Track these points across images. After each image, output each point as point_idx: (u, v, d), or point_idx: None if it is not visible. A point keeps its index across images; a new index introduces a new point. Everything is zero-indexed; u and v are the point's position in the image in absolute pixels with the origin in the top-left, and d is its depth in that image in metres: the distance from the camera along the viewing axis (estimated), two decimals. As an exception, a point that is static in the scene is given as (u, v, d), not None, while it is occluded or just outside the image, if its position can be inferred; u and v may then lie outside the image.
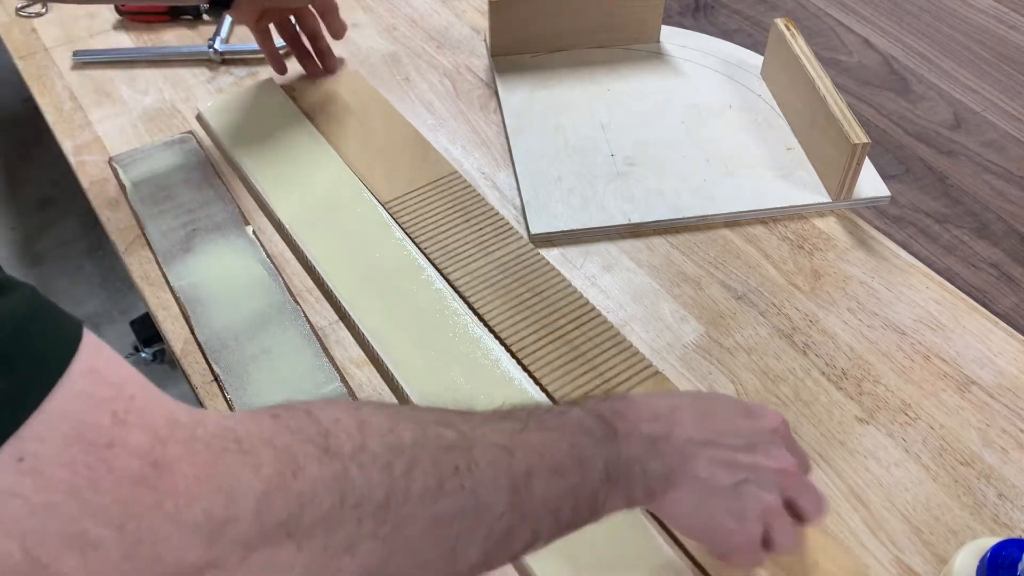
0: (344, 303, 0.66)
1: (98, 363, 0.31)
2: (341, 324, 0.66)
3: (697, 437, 0.46)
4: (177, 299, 0.67)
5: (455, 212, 0.73)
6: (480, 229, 0.71)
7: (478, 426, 0.40)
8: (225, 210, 0.74)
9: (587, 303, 0.66)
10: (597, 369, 0.61)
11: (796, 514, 0.47)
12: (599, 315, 0.65)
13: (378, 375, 0.63)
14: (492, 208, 0.73)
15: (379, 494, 0.35)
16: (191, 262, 0.70)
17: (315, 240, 0.70)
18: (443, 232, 0.71)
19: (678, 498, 0.45)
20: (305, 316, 0.65)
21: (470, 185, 0.75)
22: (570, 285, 0.67)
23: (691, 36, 0.91)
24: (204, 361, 0.63)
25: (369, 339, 0.63)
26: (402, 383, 0.60)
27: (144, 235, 0.73)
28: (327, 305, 0.67)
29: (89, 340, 0.32)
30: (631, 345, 0.63)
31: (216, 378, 0.62)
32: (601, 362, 0.62)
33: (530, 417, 0.42)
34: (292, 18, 0.84)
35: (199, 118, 0.83)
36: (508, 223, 0.72)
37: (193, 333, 0.65)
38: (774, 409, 0.50)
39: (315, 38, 0.85)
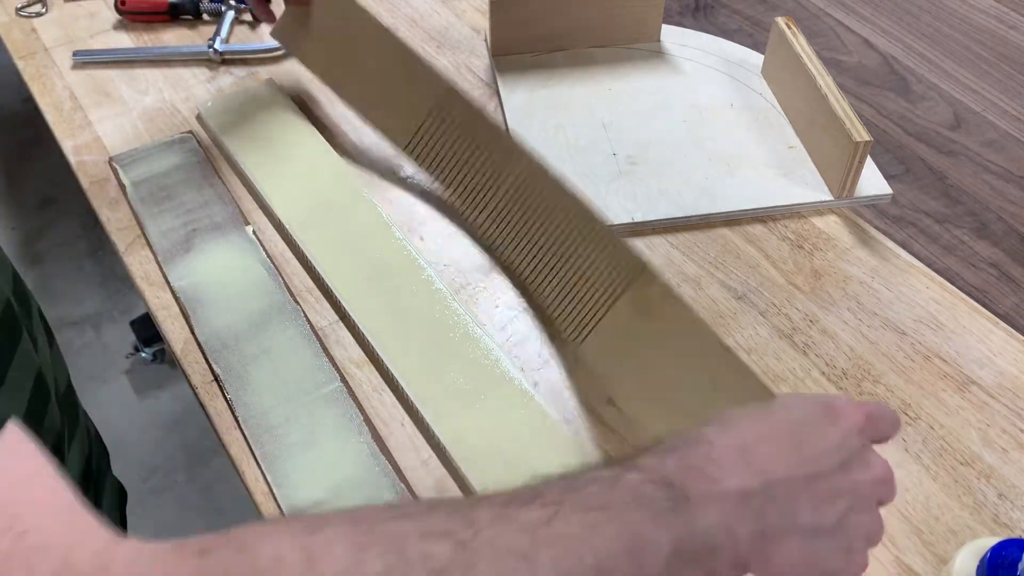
0: (344, 303, 0.66)
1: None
2: (341, 324, 0.66)
3: (797, 473, 0.38)
4: (177, 299, 0.67)
5: (465, 140, 0.68)
6: (488, 154, 0.67)
7: (486, 527, 0.31)
8: (225, 210, 0.74)
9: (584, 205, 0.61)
10: (585, 275, 0.60)
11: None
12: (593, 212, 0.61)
13: (378, 375, 0.63)
14: (497, 125, 0.68)
15: None
16: (191, 262, 0.70)
17: (315, 240, 0.70)
18: (463, 168, 0.68)
19: (779, 552, 0.37)
20: (305, 316, 0.65)
21: (468, 100, 0.69)
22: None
23: (691, 35, 0.91)
24: (204, 361, 0.63)
25: (369, 339, 0.63)
26: (402, 383, 0.60)
27: (144, 235, 0.73)
28: (327, 305, 0.67)
29: (7, 443, 0.26)
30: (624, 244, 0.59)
31: (216, 378, 0.62)
32: (588, 266, 0.60)
33: (566, 494, 0.33)
34: None
35: (199, 118, 0.83)
36: (514, 141, 0.66)
37: (193, 333, 0.65)
38: (849, 398, 0.43)
39: None
